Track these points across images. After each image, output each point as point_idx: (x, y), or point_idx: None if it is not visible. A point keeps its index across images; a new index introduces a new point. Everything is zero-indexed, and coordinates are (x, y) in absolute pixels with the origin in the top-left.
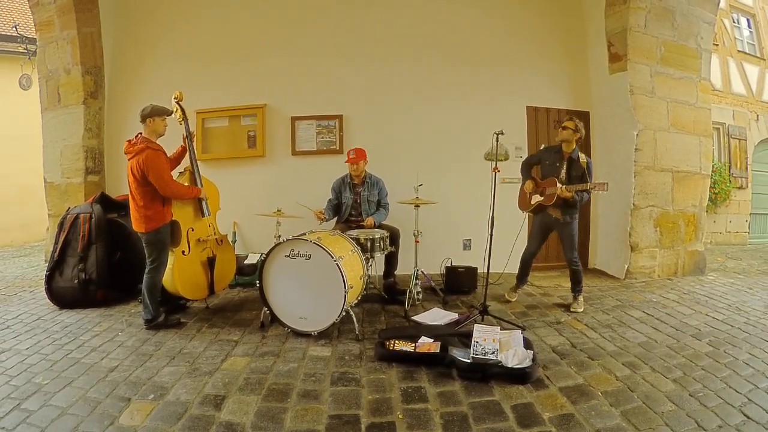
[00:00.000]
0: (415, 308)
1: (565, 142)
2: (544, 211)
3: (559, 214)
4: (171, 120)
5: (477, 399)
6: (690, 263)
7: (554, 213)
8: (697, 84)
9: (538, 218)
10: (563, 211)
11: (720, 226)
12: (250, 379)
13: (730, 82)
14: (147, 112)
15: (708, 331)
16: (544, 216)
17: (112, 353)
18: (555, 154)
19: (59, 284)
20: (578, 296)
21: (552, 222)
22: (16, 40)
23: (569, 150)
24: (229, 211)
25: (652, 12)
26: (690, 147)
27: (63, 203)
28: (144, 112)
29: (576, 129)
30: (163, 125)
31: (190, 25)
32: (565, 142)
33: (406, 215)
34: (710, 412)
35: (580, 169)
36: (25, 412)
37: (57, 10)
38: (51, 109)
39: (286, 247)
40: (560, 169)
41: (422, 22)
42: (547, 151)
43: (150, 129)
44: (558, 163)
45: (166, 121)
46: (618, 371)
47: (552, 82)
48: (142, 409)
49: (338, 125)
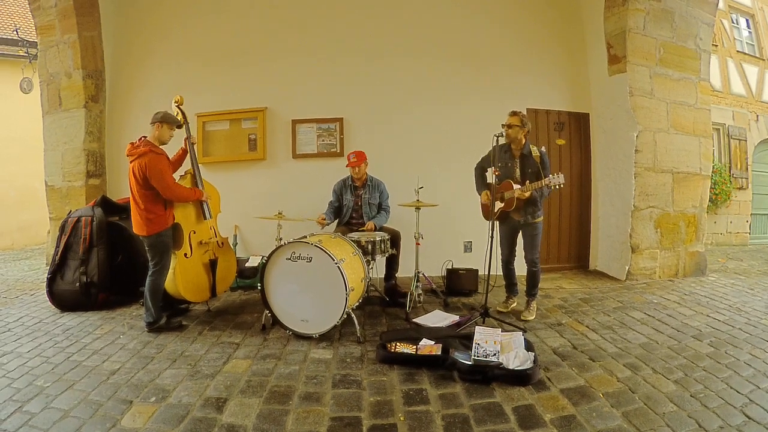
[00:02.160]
0: (416, 310)
1: (513, 141)
2: (508, 216)
3: (520, 215)
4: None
5: (478, 401)
6: (691, 264)
7: (516, 216)
8: (696, 85)
9: (502, 225)
10: (525, 212)
11: (721, 226)
12: (251, 382)
13: (730, 82)
14: (159, 117)
15: (709, 332)
16: (509, 220)
17: (114, 356)
18: (505, 153)
19: (61, 287)
20: (532, 301)
21: (516, 224)
22: (17, 44)
23: (519, 147)
24: (231, 214)
25: (651, 13)
26: (690, 148)
27: (64, 206)
28: (156, 115)
29: (522, 124)
30: (170, 134)
31: (190, 29)
32: (513, 141)
33: (406, 218)
34: (711, 413)
35: (534, 165)
36: (27, 414)
37: (58, 14)
38: (52, 112)
39: (287, 250)
40: (514, 169)
41: (422, 25)
42: (499, 151)
43: (156, 134)
44: (510, 162)
45: (174, 132)
46: (619, 372)
47: (552, 84)
48: (144, 412)
49: (338, 128)
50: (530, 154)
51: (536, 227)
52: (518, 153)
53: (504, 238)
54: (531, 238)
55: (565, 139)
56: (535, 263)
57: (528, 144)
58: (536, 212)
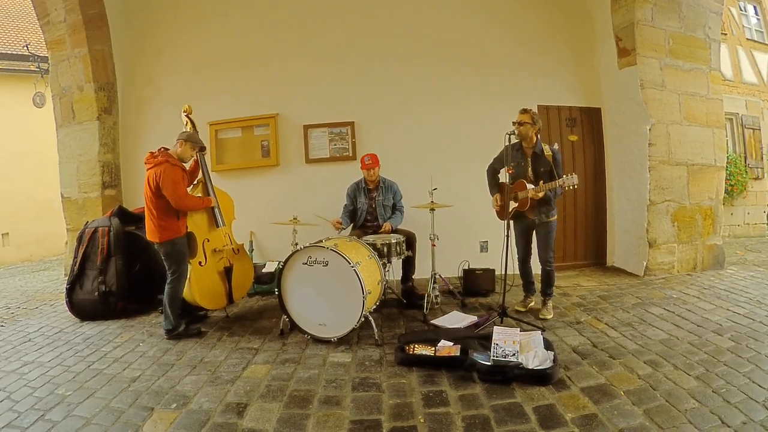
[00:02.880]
0: (433, 312)
1: (524, 139)
2: (522, 215)
3: (534, 214)
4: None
5: (498, 401)
6: (709, 257)
7: (530, 215)
8: (707, 75)
9: (517, 224)
10: (539, 210)
11: (738, 218)
12: (271, 387)
13: (741, 71)
14: (185, 136)
15: (729, 326)
16: (523, 220)
17: (134, 363)
18: (517, 152)
19: (80, 297)
20: (548, 300)
21: (530, 223)
22: (28, 59)
23: (531, 145)
24: (246, 221)
25: (658, 4)
26: (704, 139)
27: (81, 217)
28: (183, 133)
29: (534, 121)
30: (191, 154)
31: (198, 39)
32: (525, 139)
33: (421, 219)
34: (734, 408)
35: (546, 164)
36: (49, 422)
37: (68, 28)
38: (66, 125)
39: (303, 255)
40: (526, 168)
41: (429, 26)
42: (511, 150)
43: (178, 150)
44: (522, 161)
45: (195, 153)
46: (640, 370)
47: (562, 80)
48: (165, 418)
49: (350, 132)
50: (542, 153)
51: (550, 226)
52: (530, 152)
53: (519, 238)
54: (545, 237)
55: (578, 135)
56: (549, 262)
57: (540, 142)
58: (550, 211)
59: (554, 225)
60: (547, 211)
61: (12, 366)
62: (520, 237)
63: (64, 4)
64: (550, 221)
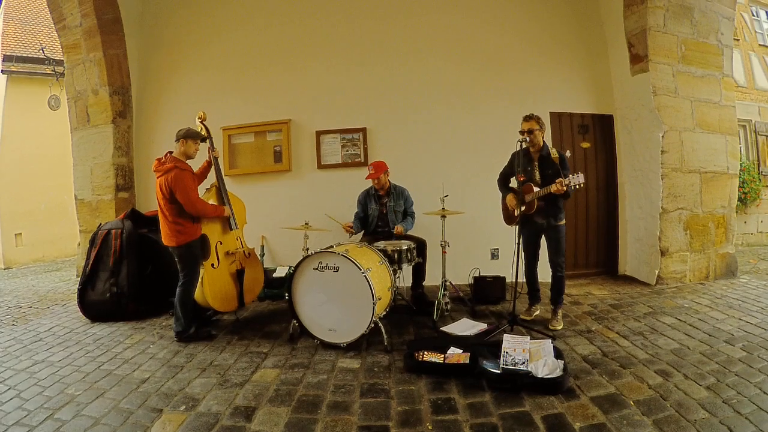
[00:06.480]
0: (443, 319)
1: (533, 144)
2: (530, 220)
3: (542, 218)
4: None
5: (507, 410)
6: (721, 266)
7: (539, 219)
8: (720, 81)
9: (525, 229)
10: (546, 214)
11: (751, 226)
12: (280, 391)
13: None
14: (182, 133)
15: (741, 336)
16: (531, 224)
17: (144, 365)
18: (525, 157)
19: (91, 298)
20: (558, 310)
21: (539, 227)
22: (43, 62)
23: (537, 149)
24: (257, 226)
25: (671, 10)
26: (716, 146)
27: (94, 219)
28: (180, 132)
29: (541, 126)
30: (195, 148)
31: (213, 45)
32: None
33: (433, 226)
34: (744, 419)
35: (553, 166)
36: (59, 422)
37: (83, 33)
38: (80, 128)
39: (314, 260)
40: (534, 171)
41: (442, 32)
42: (519, 157)
43: (182, 150)
44: (529, 166)
45: (198, 146)
46: (650, 379)
47: (574, 86)
48: (173, 420)
49: (362, 138)
50: (549, 156)
51: (559, 230)
52: (537, 155)
53: (528, 243)
54: (556, 241)
55: (590, 142)
56: (560, 267)
57: (546, 145)
58: (558, 215)
59: (563, 229)
60: (555, 214)
61: (22, 365)
62: (529, 243)
63: (80, 8)
64: (559, 225)
